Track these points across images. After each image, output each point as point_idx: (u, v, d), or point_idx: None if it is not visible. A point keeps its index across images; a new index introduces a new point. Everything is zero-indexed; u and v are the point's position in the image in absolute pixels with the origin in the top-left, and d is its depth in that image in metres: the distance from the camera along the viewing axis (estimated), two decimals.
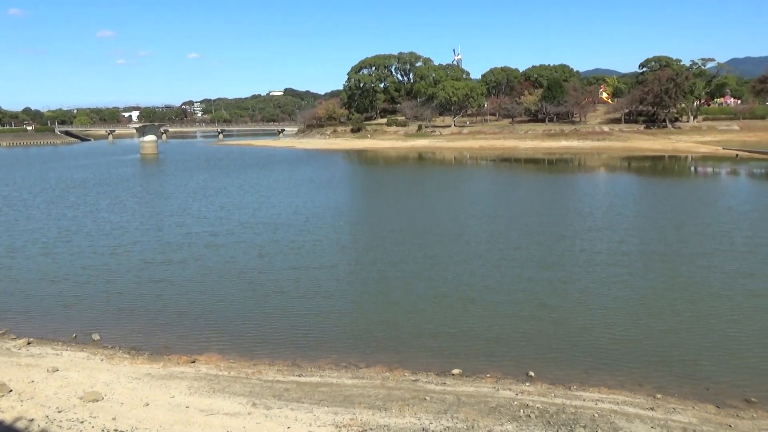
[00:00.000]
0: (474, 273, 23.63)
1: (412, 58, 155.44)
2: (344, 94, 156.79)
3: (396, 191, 53.24)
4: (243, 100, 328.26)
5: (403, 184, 59.66)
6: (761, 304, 18.98)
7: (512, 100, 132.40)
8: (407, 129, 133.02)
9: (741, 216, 34.47)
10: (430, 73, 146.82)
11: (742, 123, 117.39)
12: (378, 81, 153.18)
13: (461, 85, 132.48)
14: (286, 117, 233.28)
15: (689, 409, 12.62)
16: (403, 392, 13.65)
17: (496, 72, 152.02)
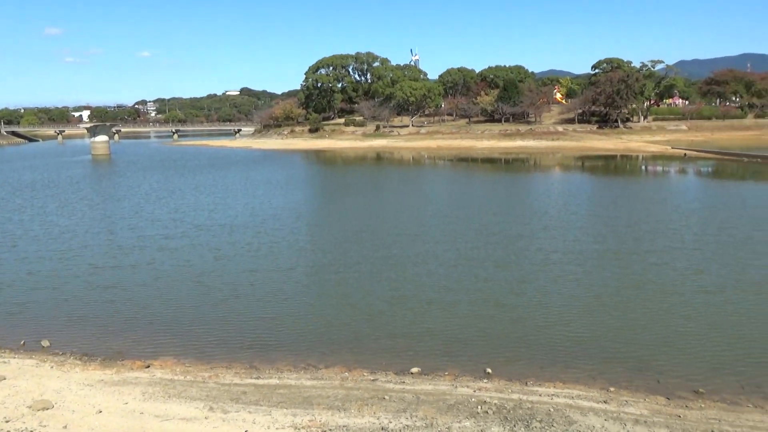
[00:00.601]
0: (432, 273, 23.76)
1: (369, 58, 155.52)
2: (302, 94, 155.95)
3: (354, 192, 53.20)
4: (198, 99, 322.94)
5: (362, 184, 59.66)
6: (711, 300, 19.60)
7: (469, 101, 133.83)
8: (365, 129, 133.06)
9: (690, 214, 35.57)
10: (387, 73, 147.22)
11: (689, 123, 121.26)
12: (336, 81, 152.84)
13: (419, 86, 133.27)
14: (243, 117, 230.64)
15: (641, 402, 12.95)
16: (362, 392, 13.63)
17: (452, 72, 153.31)
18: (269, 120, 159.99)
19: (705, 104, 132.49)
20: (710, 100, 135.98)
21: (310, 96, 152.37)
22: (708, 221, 32.89)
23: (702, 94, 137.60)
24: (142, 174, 71.58)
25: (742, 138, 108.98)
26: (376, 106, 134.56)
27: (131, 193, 52.07)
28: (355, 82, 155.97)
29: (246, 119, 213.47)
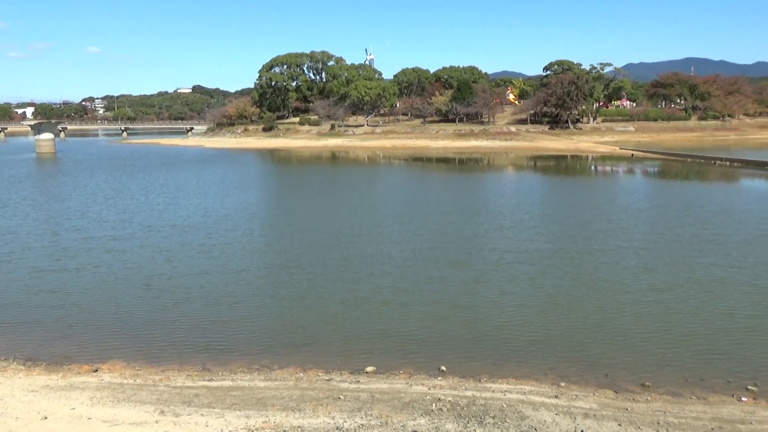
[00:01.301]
0: (388, 274, 23.79)
1: (324, 57, 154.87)
2: (255, 93, 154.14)
3: (309, 191, 52.90)
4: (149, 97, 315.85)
5: (317, 184, 59.36)
6: (659, 297, 20.10)
7: (423, 101, 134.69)
8: (320, 128, 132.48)
9: (638, 213, 36.57)
10: (342, 72, 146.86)
11: (637, 124, 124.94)
12: (290, 79, 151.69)
13: (374, 85, 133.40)
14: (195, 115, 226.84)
15: (590, 396, 13.27)
16: (317, 392, 13.56)
17: (407, 72, 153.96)
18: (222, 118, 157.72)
19: (651, 106, 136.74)
20: (656, 102, 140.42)
21: (264, 94, 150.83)
22: (656, 220, 33.88)
23: (648, 96, 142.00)
24: (89, 173, 69.53)
25: (686, 139, 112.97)
26: (331, 106, 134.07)
27: (77, 193, 50.51)
28: (309, 81, 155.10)
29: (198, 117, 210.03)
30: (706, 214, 35.45)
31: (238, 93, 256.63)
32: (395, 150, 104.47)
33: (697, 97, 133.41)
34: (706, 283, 21.42)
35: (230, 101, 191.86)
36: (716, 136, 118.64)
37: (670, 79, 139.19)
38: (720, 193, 46.79)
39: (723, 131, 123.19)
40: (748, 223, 32.30)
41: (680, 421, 11.81)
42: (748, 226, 31.19)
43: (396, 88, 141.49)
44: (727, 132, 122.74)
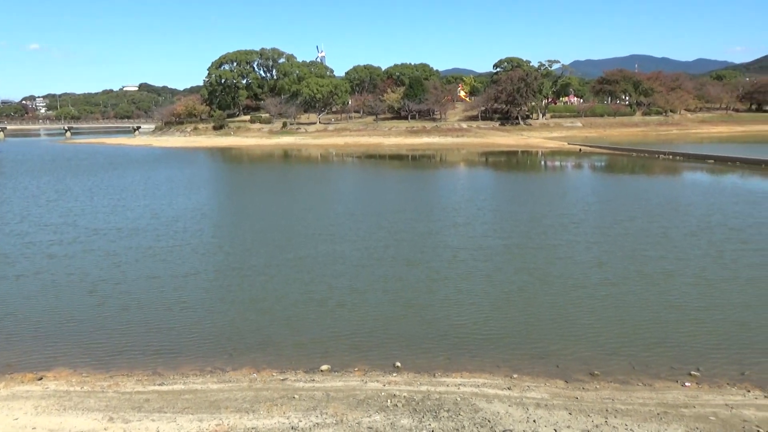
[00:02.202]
0: (343, 273, 23.69)
1: (274, 54, 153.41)
2: (205, 90, 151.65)
3: (262, 190, 52.36)
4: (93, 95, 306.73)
5: (269, 182, 58.80)
6: (609, 290, 20.47)
7: (376, 98, 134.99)
8: (272, 126, 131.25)
9: (588, 208, 37.40)
10: (293, 69, 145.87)
11: (584, 120, 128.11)
12: (240, 77, 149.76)
13: (325, 83, 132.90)
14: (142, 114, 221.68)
15: (542, 386, 13.52)
16: (271, 392, 13.42)
17: (359, 70, 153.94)
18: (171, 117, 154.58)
19: (598, 102, 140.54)
20: (602, 99, 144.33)
21: (213, 92, 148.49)
22: (605, 215, 34.64)
23: (595, 92, 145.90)
24: (31, 174, 67.08)
25: (631, 134, 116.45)
26: (282, 103, 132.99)
27: (17, 196, 48.66)
28: (260, 79, 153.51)
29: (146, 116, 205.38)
30: (652, 207, 36.49)
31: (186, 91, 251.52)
32: (348, 147, 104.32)
33: (641, 94, 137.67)
34: (655, 275, 21.96)
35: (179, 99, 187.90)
36: (660, 130, 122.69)
37: (615, 75, 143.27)
38: (665, 186, 48.31)
39: (666, 126, 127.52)
40: (693, 215, 33.39)
41: (627, 408, 12.16)
42: (693, 219, 32.25)
43: (348, 86, 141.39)
44: (670, 127, 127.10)
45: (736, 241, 26.62)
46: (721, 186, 46.90)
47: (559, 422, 11.53)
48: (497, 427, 11.38)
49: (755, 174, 54.50)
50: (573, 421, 11.57)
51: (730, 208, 35.42)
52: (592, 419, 11.64)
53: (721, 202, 37.80)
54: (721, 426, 11.33)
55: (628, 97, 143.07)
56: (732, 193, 42.01)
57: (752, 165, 60.80)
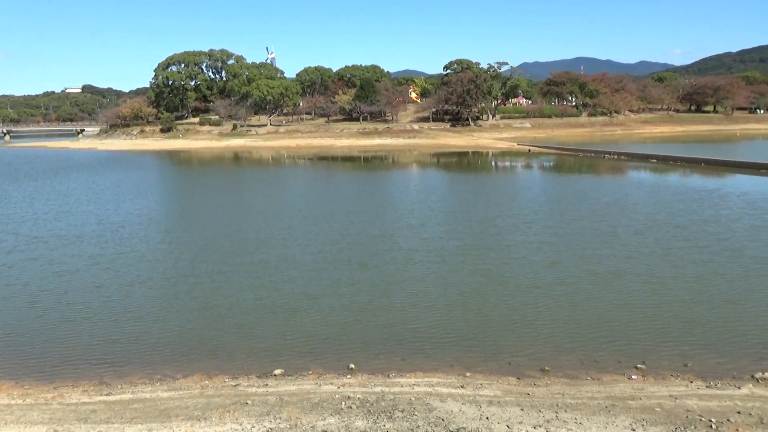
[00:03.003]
0: (297, 278, 23.48)
1: (223, 55, 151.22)
2: (151, 92, 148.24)
3: (212, 194, 51.51)
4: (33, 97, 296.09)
5: (220, 186, 57.91)
6: (561, 289, 20.81)
7: (327, 100, 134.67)
8: (222, 128, 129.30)
9: (540, 207, 38.01)
10: (243, 71, 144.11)
11: (533, 121, 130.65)
12: (188, 78, 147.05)
13: (276, 84, 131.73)
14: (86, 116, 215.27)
15: (494, 384, 13.70)
16: (223, 399, 13.20)
17: (310, 71, 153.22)
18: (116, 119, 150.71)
19: (546, 103, 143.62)
20: (550, 100, 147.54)
21: (160, 94, 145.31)
22: (556, 214, 35.19)
23: (543, 94, 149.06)
24: None
25: (578, 134, 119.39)
26: (232, 105, 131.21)
27: None
28: (209, 80, 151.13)
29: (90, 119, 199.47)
30: (601, 206, 37.37)
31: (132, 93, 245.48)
32: (300, 149, 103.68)
33: (586, 95, 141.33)
34: (605, 274, 22.38)
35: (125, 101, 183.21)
36: (605, 131, 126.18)
37: (562, 77, 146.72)
38: (612, 185, 49.66)
39: (611, 126, 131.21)
40: (640, 213, 34.34)
41: (577, 402, 12.43)
42: (640, 217, 33.14)
43: (299, 87, 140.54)
44: (615, 127, 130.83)
45: (681, 239, 27.48)
46: (665, 184, 48.47)
47: (512, 418, 11.70)
48: (451, 425, 11.47)
49: (695, 172, 56.60)
50: (525, 417, 11.75)
51: (675, 206, 36.62)
52: (543, 414, 11.86)
53: (665, 200, 39.05)
54: (665, 416, 11.70)
55: (575, 99, 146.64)
56: (675, 191, 43.48)
57: (692, 164, 63.14)
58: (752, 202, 37.08)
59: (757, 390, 13.07)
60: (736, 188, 44.20)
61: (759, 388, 13.15)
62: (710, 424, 11.33)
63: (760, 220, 31.30)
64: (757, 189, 43.41)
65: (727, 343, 15.95)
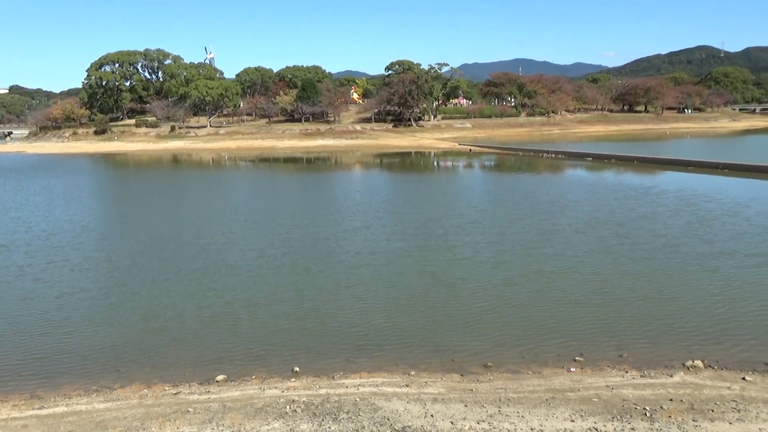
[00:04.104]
0: (240, 285, 23.07)
1: (160, 55, 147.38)
2: (84, 93, 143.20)
3: (150, 198, 50.12)
4: None
5: (158, 190, 56.41)
6: (506, 288, 21.11)
7: (268, 100, 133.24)
8: (159, 130, 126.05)
9: (485, 207, 38.48)
10: (180, 71, 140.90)
11: (473, 121, 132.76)
12: (123, 79, 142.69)
13: (215, 85, 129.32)
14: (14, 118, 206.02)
15: (438, 381, 13.82)
16: (163, 408, 12.84)
17: (250, 72, 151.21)
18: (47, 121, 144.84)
19: (486, 104, 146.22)
20: (490, 100, 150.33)
21: (94, 95, 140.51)
22: (500, 214, 35.64)
23: (483, 94, 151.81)
24: None
25: (517, 134, 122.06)
26: (170, 106, 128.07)
27: None
28: (145, 81, 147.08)
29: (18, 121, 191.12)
30: (542, 205, 38.16)
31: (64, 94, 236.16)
32: (241, 151, 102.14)
33: (525, 96, 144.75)
34: (548, 272, 22.77)
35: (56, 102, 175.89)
36: (543, 131, 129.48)
37: (501, 78, 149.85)
38: (552, 184, 50.93)
39: (548, 126, 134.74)
40: (580, 212, 35.23)
41: (519, 396, 12.68)
42: (581, 215, 33.98)
43: (239, 88, 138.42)
44: (552, 127, 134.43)
45: (622, 236, 28.26)
46: (602, 182, 50.05)
47: (456, 415, 11.83)
48: (396, 424, 11.50)
49: (629, 170, 58.73)
50: (468, 413, 11.90)
51: (613, 203, 37.83)
52: (487, 409, 12.04)
53: (604, 198, 40.25)
54: (603, 406, 12.06)
55: (514, 99, 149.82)
56: (613, 189, 44.90)
57: (625, 161, 65.52)
58: (686, 199, 38.68)
59: (688, 377, 13.64)
60: (671, 185, 45.97)
61: (690, 376, 13.74)
62: (645, 411, 11.75)
63: (695, 217, 32.60)
64: (691, 186, 45.17)
65: (661, 333, 16.59)
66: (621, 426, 11.18)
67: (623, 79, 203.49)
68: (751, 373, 13.83)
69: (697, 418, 11.45)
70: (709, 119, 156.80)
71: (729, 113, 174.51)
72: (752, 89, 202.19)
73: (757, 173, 51.63)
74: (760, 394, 12.55)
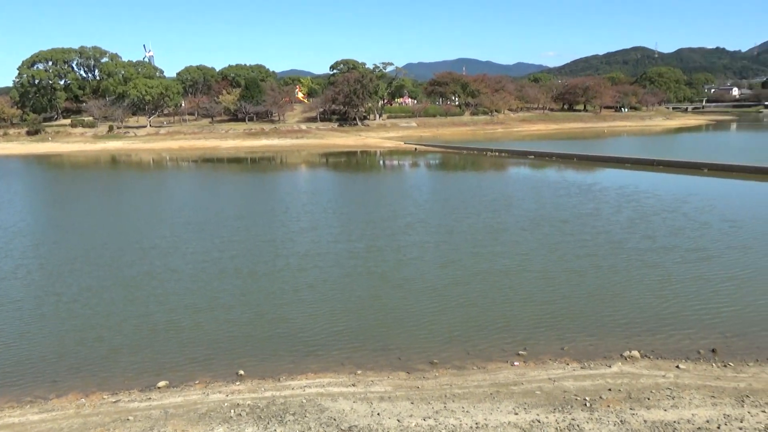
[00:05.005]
0: (181, 290, 22.55)
1: (96, 53, 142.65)
2: (15, 92, 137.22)
3: (88, 202, 48.42)
4: None
5: (97, 192, 54.57)
6: (451, 287, 21.26)
7: (211, 100, 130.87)
8: (97, 130, 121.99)
9: (433, 206, 38.77)
10: (118, 70, 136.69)
11: (418, 120, 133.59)
12: (57, 77, 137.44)
13: (155, 83, 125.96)
14: None
15: (385, 379, 13.85)
16: (102, 417, 12.43)
17: (191, 70, 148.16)
18: None
19: (431, 103, 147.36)
20: (434, 100, 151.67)
21: (26, 94, 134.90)
22: (448, 212, 35.84)
23: (427, 94, 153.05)
24: None
25: (462, 133, 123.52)
26: (107, 106, 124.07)
27: None
28: (81, 79, 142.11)
29: None
30: (489, 203, 38.64)
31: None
32: (183, 151, 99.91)
33: (469, 95, 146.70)
34: (496, 270, 23.02)
35: None
36: (486, 129, 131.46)
37: (445, 78, 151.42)
38: (497, 182, 51.71)
39: (492, 125, 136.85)
40: (526, 209, 35.87)
41: (464, 391, 12.83)
42: (526, 213, 34.61)
43: (180, 87, 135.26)
44: (495, 126, 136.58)
45: (566, 233, 28.91)
46: (546, 180, 51.11)
47: (402, 412, 11.87)
48: (343, 424, 11.46)
49: (569, 167, 60.29)
50: (415, 410, 11.97)
51: (557, 200, 38.72)
52: (432, 406, 12.13)
53: (548, 195, 41.12)
54: (545, 398, 12.33)
55: (458, 98, 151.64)
56: (556, 186, 45.90)
57: (566, 159, 67.26)
58: (628, 195, 39.94)
59: (625, 367, 14.10)
60: (612, 182, 47.34)
61: (627, 366, 14.20)
62: (585, 402, 12.08)
63: (636, 213, 33.69)
64: (631, 182, 46.59)
65: (601, 327, 17.10)
66: (562, 417, 11.46)
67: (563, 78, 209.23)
68: (685, 361, 14.42)
69: (634, 406, 11.84)
70: (645, 118, 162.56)
71: (663, 112, 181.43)
72: (684, 89, 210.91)
73: (691, 169, 53.85)
74: (693, 381, 13.08)
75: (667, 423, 11.06)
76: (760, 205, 35.06)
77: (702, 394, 12.33)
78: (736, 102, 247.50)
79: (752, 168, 51.04)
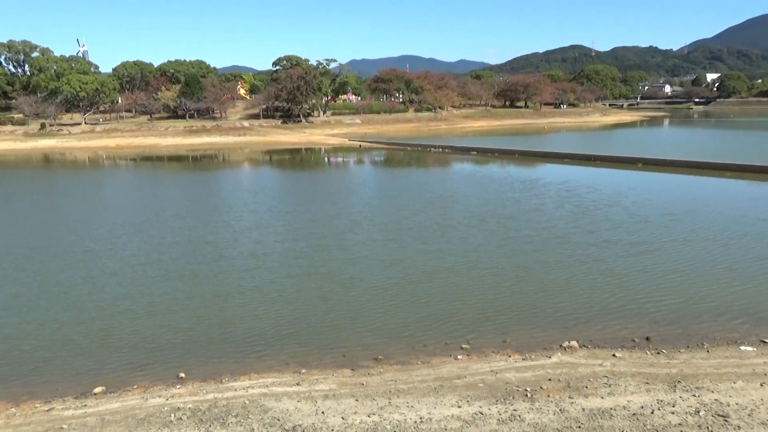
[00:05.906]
0: (119, 294, 21.89)
1: (25, 47, 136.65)
2: None
3: (18, 203, 46.32)
4: None
5: (28, 193, 52.26)
6: (398, 284, 21.28)
7: (149, 96, 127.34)
8: (28, 128, 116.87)
9: (379, 203, 38.75)
10: (50, 65, 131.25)
11: (363, 117, 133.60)
12: None
13: (90, 79, 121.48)
14: None
15: (329, 377, 13.79)
16: (34, 426, 11.92)
17: (128, 66, 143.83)
18: None
19: (375, 100, 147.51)
20: (378, 96, 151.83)
21: None
22: (395, 210, 35.81)
23: (371, 90, 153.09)
24: None
25: (406, 130, 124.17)
26: (39, 102, 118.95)
27: None
28: (9, 75, 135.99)
29: None
30: (435, 199, 38.86)
31: None
32: (120, 149, 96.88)
33: (412, 92, 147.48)
34: (443, 267, 23.12)
35: None
36: (430, 126, 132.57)
37: (388, 74, 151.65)
38: (442, 178, 52.16)
39: (435, 122, 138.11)
40: (471, 205, 36.24)
41: (408, 387, 12.90)
42: (472, 209, 34.96)
43: (116, 83, 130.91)
44: (439, 122, 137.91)
45: (511, 229, 29.36)
46: (490, 176, 51.86)
47: (347, 410, 11.84)
48: (287, 424, 11.34)
49: (511, 163, 61.48)
50: (359, 407, 11.96)
51: (502, 196, 39.33)
52: (377, 402, 12.14)
53: (492, 191, 41.72)
54: (488, 390, 12.53)
55: (402, 95, 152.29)
56: (500, 182, 46.61)
57: (508, 155, 68.55)
58: (570, 190, 40.94)
59: (565, 357, 14.47)
60: (554, 177, 48.46)
61: (566, 356, 14.58)
62: (526, 392, 12.33)
63: (578, 208, 34.57)
64: (572, 178, 47.81)
65: (542, 319, 17.49)
66: (504, 408, 11.66)
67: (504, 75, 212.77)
68: (620, 350, 14.91)
69: (573, 395, 12.16)
70: (583, 114, 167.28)
71: (600, 108, 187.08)
72: (620, 86, 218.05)
73: (626, 164, 55.74)
74: (628, 369, 13.54)
75: (604, 410, 11.40)
76: (695, 200, 36.49)
77: (637, 380, 12.77)
78: (668, 99, 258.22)
79: (683, 162, 53.29)
